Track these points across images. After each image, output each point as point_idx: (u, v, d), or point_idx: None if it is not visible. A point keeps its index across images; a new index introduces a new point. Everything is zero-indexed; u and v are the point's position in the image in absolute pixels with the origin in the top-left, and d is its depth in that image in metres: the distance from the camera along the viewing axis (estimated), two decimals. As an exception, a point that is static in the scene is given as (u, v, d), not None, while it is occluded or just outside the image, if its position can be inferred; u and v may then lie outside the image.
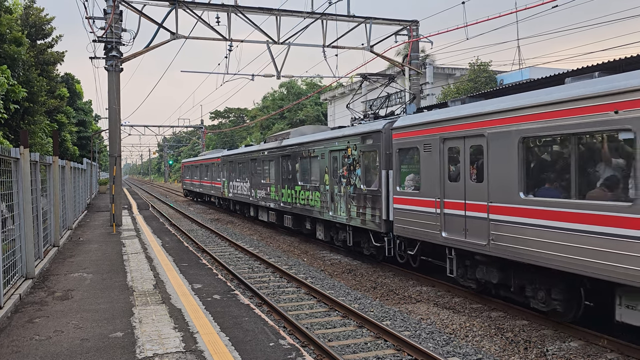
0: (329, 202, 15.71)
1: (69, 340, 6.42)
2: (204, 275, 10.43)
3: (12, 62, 14.20)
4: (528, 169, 8.47)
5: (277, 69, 22.23)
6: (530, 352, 7.73)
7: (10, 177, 8.58)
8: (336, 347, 7.91)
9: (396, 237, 12.52)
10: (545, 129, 7.94)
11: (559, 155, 8.13)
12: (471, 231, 9.59)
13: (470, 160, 9.76)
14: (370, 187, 13.40)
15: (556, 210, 7.77)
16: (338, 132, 15.67)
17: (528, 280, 8.89)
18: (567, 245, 7.57)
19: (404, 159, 12.07)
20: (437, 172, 10.60)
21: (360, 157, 13.85)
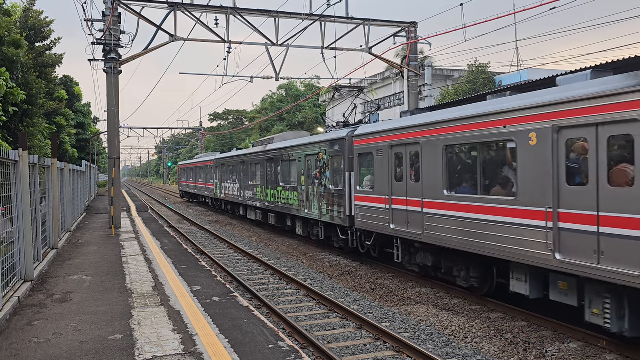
0: (305, 200, 17.50)
1: (67, 342, 6.41)
2: (203, 278, 10.42)
3: (10, 65, 14.19)
4: (450, 171, 10.43)
5: (275, 71, 22.24)
6: (529, 354, 7.73)
7: (9, 179, 8.57)
8: (335, 348, 7.90)
9: (357, 230, 14.32)
10: (461, 138, 9.93)
11: (470, 160, 10.06)
12: (411, 223, 11.50)
13: (410, 163, 11.69)
14: (337, 187, 15.25)
15: (469, 204, 9.66)
16: (312, 138, 17.80)
17: (454, 263, 10.76)
18: (478, 232, 9.40)
19: (363, 162, 13.89)
20: (387, 174, 12.51)
21: (329, 161, 15.76)
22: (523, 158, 8.40)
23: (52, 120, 24.40)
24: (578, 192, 7.46)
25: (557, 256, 7.69)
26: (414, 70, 22.90)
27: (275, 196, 20.60)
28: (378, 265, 14.22)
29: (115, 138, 19.83)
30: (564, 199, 7.66)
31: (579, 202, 7.40)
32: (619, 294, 7.17)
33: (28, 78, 15.89)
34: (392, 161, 12.32)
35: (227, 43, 20.58)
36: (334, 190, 15.35)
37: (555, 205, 7.75)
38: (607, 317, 7.27)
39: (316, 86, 57.85)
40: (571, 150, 7.69)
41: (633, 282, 6.59)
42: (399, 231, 11.97)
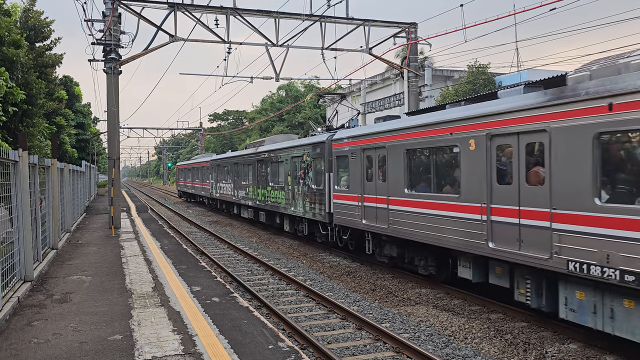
0: (291, 199, 18.85)
1: (67, 343, 6.40)
2: (202, 278, 10.41)
3: (10, 65, 14.18)
4: (410, 172, 11.87)
5: (275, 71, 22.24)
6: (529, 354, 7.73)
7: (8, 179, 8.57)
8: (335, 349, 7.90)
9: (336, 225, 15.76)
10: (418, 143, 11.38)
11: (426, 162, 11.46)
12: (379, 218, 12.92)
13: (379, 165, 13.04)
14: (319, 186, 16.55)
15: (425, 201, 11.11)
16: (297, 141, 19.19)
17: (415, 253, 12.18)
18: (433, 226, 10.78)
19: (340, 164, 15.27)
20: (360, 174, 13.91)
21: (312, 163, 17.14)
22: (464, 161, 9.85)
23: (52, 120, 24.39)
24: (505, 190, 8.89)
25: (490, 244, 9.16)
26: (414, 70, 22.90)
27: (265, 195, 21.99)
28: (378, 266, 14.22)
29: (115, 138, 19.83)
30: (495, 196, 9.13)
31: (506, 198, 8.89)
32: (537, 275, 8.54)
33: (28, 78, 15.88)
34: (364, 163, 13.77)
35: (227, 43, 20.57)
36: (316, 189, 16.75)
37: (489, 201, 9.23)
38: (529, 295, 8.65)
39: (316, 87, 57.84)
40: (500, 155, 9.14)
41: (543, 264, 8.03)
42: (370, 226, 13.40)
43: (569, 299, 7.94)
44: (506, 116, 8.80)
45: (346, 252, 16.03)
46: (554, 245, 7.82)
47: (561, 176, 7.79)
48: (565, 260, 7.63)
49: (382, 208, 12.75)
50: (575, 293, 7.82)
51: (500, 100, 9.31)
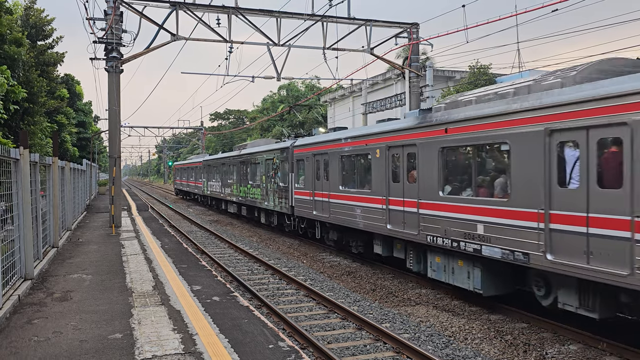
0: (265, 195, 21.95)
1: (67, 341, 6.40)
2: (203, 277, 10.41)
3: (12, 63, 14.20)
4: (343, 173, 15.10)
5: (277, 71, 22.23)
6: (529, 355, 7.73)
7: (9, 177, 8.57)
8: (335, 349, 7.90)
9: (296, 217, 18.84)
10: (348, 151, 14.73)
11: (353, 165, 14.78)
12: (324, 210, 16.06)
13: (324, 167, 16.19)
14: (285, 184, 19.57)
15: (352, 195, 14.24)
16: (270, 146, 22.49)
17: (350, 237, 15.32)
18: (357, 214, 13.89)
19: (299, 166, 18.36)
20: (312, 175, 17.05)
21: (280, 164, 20.24)
22: (374, 165, 13.15)
23: (53, 118, 24.41)
24: (396, 186, 12.26)
25: (388, 226, 12.45)
26: (415, 71, 22.88)
27: (246, 192, 25.15)
28: (379, 266, 14.23)
29: (116, 137, 19.83)
30: (390, 191, 12.48)
31: (396, 192, 12.28)
32: (416, 248, 11.90)
33: (29, 76, 15.90)
34: (314, 166, 16.93)
35: (229, 43, 20.56)
36: (282, 186, 19.83)
37: (387, 194, 12.54)
38: (411, 262, 12.13)
39: (317, 86, 57.79)
40: (394, 160, 12.40)
41: (415, 239, 11.40)
42: (318, 216, 16.62)
43: (432, 263, 11.30)
44: (396, 134, 12.32)
45: (306, 239, 19.25)
46: (420, 224, 11.16)
47: (424, 176, 11.12)
48: (425, 235, 11.01)
49: (325, 201, 16.06)
50: (435, 258, 11.19)
51: (397, 121, 13.03)
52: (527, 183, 8.42)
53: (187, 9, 19.53)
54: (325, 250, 17.35)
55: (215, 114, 76.95)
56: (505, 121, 8.92)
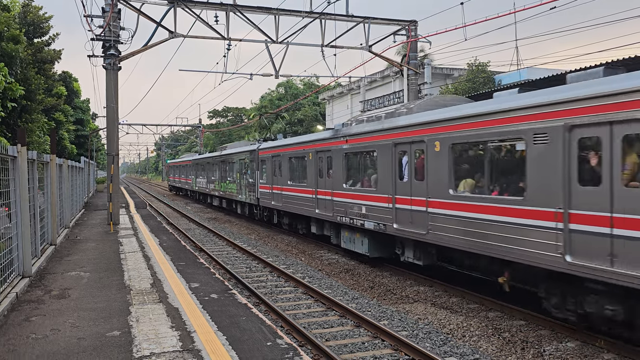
0: (239, 189, 26.06)
1: (65, 339, 6.40)
2: (201, 275, 10.41)
3: (9, 60, 14.15)
4: (291, 171, 18.82)
5: (275, 68, 22.21)
6: (527, 352, 7.74)
7: (7, 175, 8.55)
8: (333, 346, 7.90)
9: (261, 207, 23.06)
10: (294, 153, 18.30)
11: (296, 165, 18.27)
12: (279, 200, 19.95)
13: (279, 166, 20.06)
14: (253, 180, 23.48)
15: (298, 188, 17.83)
16: (242, 148, 26.82)
17: (297, 222, 19.37)
18: (302, 204, 17.44)
19: (263, 165, 22.39)
20: (270, 172, 21.01)
21: (249, 164, 24.23)
22: (308, 164, 17.08)
23: (51, 116, 24.36)
24: (321, 180, 16.05)
25: (317, 211, 16.36)
26: (414, 68, 22.87)
27: (225, 187, 29.45)
28: (377, 264, 14.24)
29: (114, 134, 19.79)
30: (318, 184, 16.15)
31: (321, 185, 16.01)
32: (335, 226, 15.87)
33: (27, 74, 15.85)
34: (272, 165, 20.87)
35: (227, 40, 20.53)
36: (251, 182, 23.70)
37: (316, 187, 16.40)
38: (344, 242, 15.12)
39: (315, 84, 57.72)
40: (320, 161, 16.18)
41: (330, 218, 15.36)
42: (275, 205, 20.51)
43: (343, 236, 15.19)
44: (320, 142, 16.28)
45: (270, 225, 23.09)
46: (334, 208, 15.22)
47: (336, 173, 15.16)
48: (336, 216, 14.99)
49: (280, 194, 19.90)
50: (345, 233, 15.08)
51: (322, 133, 17.10)
52: (385, 178, 12.64)
53: (185, 6, 19.49)
54: (323, 248, 17.37)
55: (213, 112, 76.84)
56: (374, 137, 13.19)
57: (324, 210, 15.86)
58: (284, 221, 20.72)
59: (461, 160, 10.46)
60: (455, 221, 10.12)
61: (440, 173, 10.59)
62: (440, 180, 10.60)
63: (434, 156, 10.79)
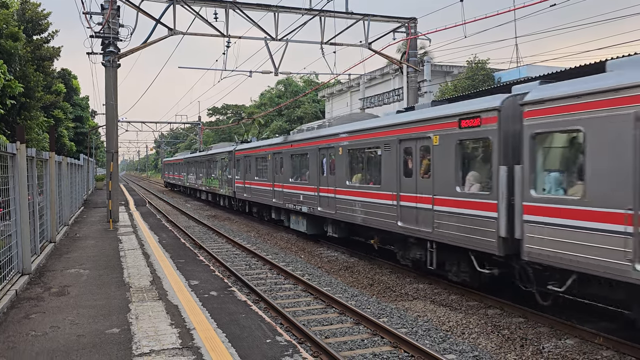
0: (221, 184, 30.35)
1: (65, 336, 6.40)
2: (200, 272, 10.41)
3: (8, 57, 14.12)
4: (257, 169, 23.04)
5: (275, 66, 22.18)
6: (526, 350, 7.75)
7: (6, 172, 8.54)
8: (333, 343, 7.91)
9: (237, 199, 27.21)
10: (259, 154, 22.61)
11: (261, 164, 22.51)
12: (250, 192, 23.97)
13: (249, 165, 24.28)
14: (231, 176, 27.68)
15: (261, 182, 22.17)
16: (223, 149, 30.87)
17: (263, 210, 23.23)
18: (263, 194, 21.91)
19: (238, 164, 26.40)
20: (244, 170, 25.01)
21: (229, 162, 28.36)
22: (269, 163, 21.02)
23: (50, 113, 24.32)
24: (277, 175, 20.22)
25: (273, 200, 20.42)
26: (413, 66, 22.85)
27: (210, 182, 33.67)
28: (376, 261, 14.25)
29: (113, 132, 19.77)
30: (275, 179, 20.31)
31: (277, 179, 20.22)
32: (286, 212, 19.85)
33: (26, 71, 15.81)
34: (245, 164, 25.06)
35: (226, 37, 20.49)
36: (229, 178, 28.02)
37: (273, 181, 20.54)
38: (285, 221, 19.93)
39: (315, 82, 57.64)
40: (276, 161, 20.06)
41: (280, 205, 19.85)
42: (247, 197, 24.66)
43: (292, 219, 19.14)
44: (275, 146, 20.63)
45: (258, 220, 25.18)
46: (284, 198, 19.20)
47: (285, 170, 19.31)
48: (285, 203, 19.09)
49: (249, 187, 24.11)
50: (292, 217, 19.06)
51: (277, 139, 21.22)
52: (313, 174, 16.89)
53: (184, 3, 19.44)
54: (322, 246, 17.37)
55: (212, 109, 76.72)
56: (307, 143, 17.48)
57: (278, 199, 20.11)
58: (253, 210, 24.82)
59: (354, 160, 14.68)
60: (351, 203, 14.30)
61: (343, 170, 14.86)
62: (342, 175, 14.87)
63: (339, 157, 15.14)
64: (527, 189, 8.40)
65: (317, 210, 16.35)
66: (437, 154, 10.66)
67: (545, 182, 8.31)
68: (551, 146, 8.40)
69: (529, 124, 8.36)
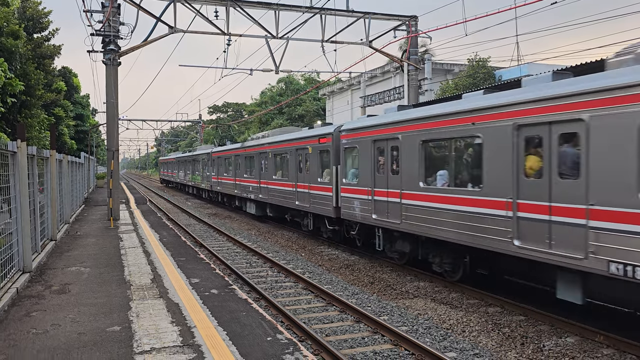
0: (202, 180, 36.54)
1: (66, 334, 6.41)
2: (201, 270, 10.42)
3: (9, 56, 14.11)
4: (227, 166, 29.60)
5: (275, 64, 22.17)
6: (526, 348, 7.76)
7: (7, 170, 8.54)
8: (333, 341, 7.92)
9: (213, 191, 33.24)
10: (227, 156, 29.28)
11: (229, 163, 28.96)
12: (221, 186, 30.51)
13: (227, 165, 28.90)
14: (209, 173, 33.65)
15: (227, 178, 28.81)
16: (203, 150, 37.28)
17: (231, 200, 29.50)
18: (244, 188, 25.17)
19: (214, 163, 32.11)
20: (217, 168, 31.19)
21: (207, 161, 34.23)
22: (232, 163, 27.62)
23: (51, 111, 24.30)
24: (239, 171, 26.69)
25: (235, 191, 26.82)
26: (414, 64, 22.83)
27: (194, 178, 40.05)
28: (377, 259, 14.26)
29: (114, 130, 19.78)
30: (236, 175, 26.64)
31: (237, 175, 26.71)
32: (244, 200, 26.18)
33: (26, 69, 15.81)
34: (218, 163, 30.60)
35: (227, 35, 20.47)
36: (208, 175, 34.18)
37: (234, 176, 26.94)
38: (247, 209, 25.47)
39: (316, 79, 57.60)
40: (237, 161, 26.73)
41: (240, 195, 26.17)
42: (219, 190, 30.41)
43: (248, 206, 25.32)
44: (235, 149, 26.76)
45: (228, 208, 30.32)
46: (242, 189, 25.37)
47: (241, 168, 25.88)
48: (242, 193, 25.28)
49: (221, 181, 30.15)
50: (247, 203, 25.36)
51: (238, 144, 26.63)
52: (256, 171, 22.86)
53: (185, 1, 19.42)
54: (323, 244, 17.38)
55: (213, 107, 76.72)
56: (253, 149, 23.68)
57: (239, 191, 26.05)
58: (224, 200, 31.36)
59: (277, 162, 20.77)
60: (277, 191, 20.37)
61: (272, 168, 21.19)
62: (272, 172, 20.97)
63: (269, 159, 21.30)
64: (341, 178, 15.10)
65: (259, 197, 22.69)
66: (311, 158, 17.20)
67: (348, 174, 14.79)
68: (351, 154, 14.61)
69: (343, 142, 14.85)
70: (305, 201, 17.36)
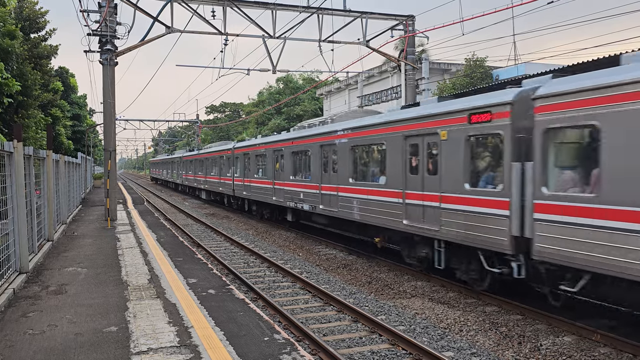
0: (179, 177, 45.69)
1: (62, 334, 6.40)
2: (199, 270, 10.41)
3: (5, 56, 14.08)
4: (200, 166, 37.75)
5: (272, 64, 22.15)
6: (524, 347, 7.77)
7: (3, 171, 8.52)
8: (331, 341, 7.92)
9: (185, 186, 45.10)
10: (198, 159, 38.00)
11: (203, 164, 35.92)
12: (193, 182, 39.48)
13: (195, 164, 38.21)
14: (181, 172, 44.50)
15: (197, 175, 37.90)
16: (180, 154, 46.89)
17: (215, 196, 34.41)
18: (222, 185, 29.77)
19: (185, 164, 42.87)
20: (187, 168, 42.15)
21: (182, 163, 44.09)
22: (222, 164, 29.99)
23: (48, 111, 24.26)
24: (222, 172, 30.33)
25: (220, 189, 30.34)
26: (411, 63, 22.84)
27: (174, 176, 48.58)
28: (375, 258, 14.26)
29: (111, 130, 19.74)
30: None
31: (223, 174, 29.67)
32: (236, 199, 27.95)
33: (23, 69, 15.77)
34: (190, 164, 39.91)
35: (224, 35, 20.45)
36: (181, 173, 43.72)
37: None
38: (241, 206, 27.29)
39: (314, 79, 57.59)
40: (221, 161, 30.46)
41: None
42: (195, 185, 38.23)
43: (228, 201, 29.99)
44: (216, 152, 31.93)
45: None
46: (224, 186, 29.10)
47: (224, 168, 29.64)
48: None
49: (191, 178, 39.10)
50: (228, 199, 29.65)
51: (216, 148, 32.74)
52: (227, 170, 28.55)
53: (182, 1, 19.40)
54: (321, 244, 17.38)
55: (211, 107, 76.66)
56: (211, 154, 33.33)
57: (222, 188, 29.26)
58: (196, 193, 38.81)
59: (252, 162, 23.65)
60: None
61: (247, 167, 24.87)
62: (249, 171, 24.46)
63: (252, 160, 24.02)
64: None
65: (237, 192, 25.99)
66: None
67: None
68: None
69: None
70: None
